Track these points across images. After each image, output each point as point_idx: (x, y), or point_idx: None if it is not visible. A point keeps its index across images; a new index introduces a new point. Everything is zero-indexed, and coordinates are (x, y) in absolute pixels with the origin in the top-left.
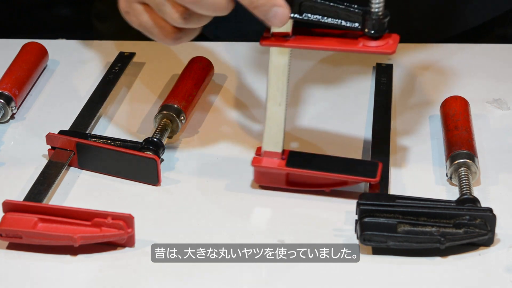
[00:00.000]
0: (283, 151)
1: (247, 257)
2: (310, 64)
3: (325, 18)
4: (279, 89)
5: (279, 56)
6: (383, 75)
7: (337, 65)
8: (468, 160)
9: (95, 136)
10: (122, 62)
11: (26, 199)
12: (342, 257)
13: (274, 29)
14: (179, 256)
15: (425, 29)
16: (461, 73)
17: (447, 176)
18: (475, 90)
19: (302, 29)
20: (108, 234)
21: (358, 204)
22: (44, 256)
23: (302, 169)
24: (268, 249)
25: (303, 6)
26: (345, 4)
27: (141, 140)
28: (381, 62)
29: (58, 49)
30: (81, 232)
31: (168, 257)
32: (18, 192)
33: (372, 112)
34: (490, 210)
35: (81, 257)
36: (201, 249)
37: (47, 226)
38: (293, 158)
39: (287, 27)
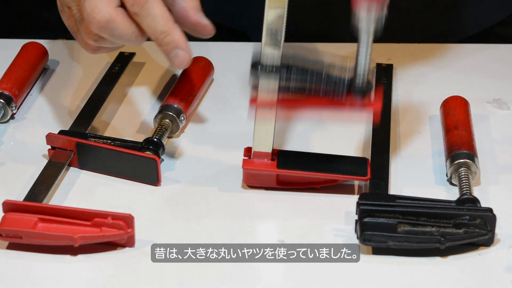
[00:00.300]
0: (273, 150)
1: (247, 257)
2: None
3: (312, 83)
4: (270, 92)
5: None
6: (383, 75)
7: None
8: (468, 160)
9: (95, 136)
10: (122, 62)
11: (26, 199)
12: (342, 257)
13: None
14: (179, 256)
15: (426, 37)
16: (461, 73)
17: (447, 176)
18: (475, 90)
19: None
20: (108, 234)
21: (358, 204)
22: (44, 256)
23: (294, 170)
24: (268, 249)
25: (291, 77)
26: (331, 74)
27: (141, 140)
28: (381, 62)
29: (58, 49)
30: (81, 232)
31: (168, 257)
32: (18, 192)
33: (372, 112)
34: (490, 210)
35: (81, 257)
36: (201, 249)
37: (47, 226)
38: (283, 158)
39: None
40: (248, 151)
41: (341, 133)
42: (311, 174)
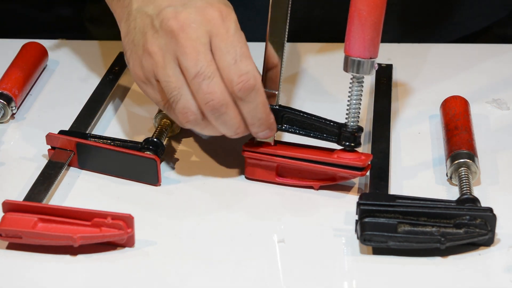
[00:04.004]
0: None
1: (247, 257)
2: (308, 63)
3: (304, 130)
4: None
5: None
6: (383, 75)
7: (336, 65)
8: (468, 160)
9: (95, 136)
10: (122, 62)
11: (26, 199)
12: (342, 257)
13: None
14: (179, 256)
15: (425, 34)
16: (461, 73)
17: (447, 176)
18: (475, 90)
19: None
20: (108, 234)
21: (358, 204)
22: (44, 256)
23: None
24: (268, 249)
25: (284, 118)
26: (323, 118)
27: (141, 140)
28: (381, 62)
29: (58, 49)
30: (81, 232)
31: (168, 256)
32: (18, 192)
33: (372, 112)
34: (490, 210)
35: (81, 257)
36: (201, 249)
37: (47, 226)
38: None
39: (270, 139)
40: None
41: None
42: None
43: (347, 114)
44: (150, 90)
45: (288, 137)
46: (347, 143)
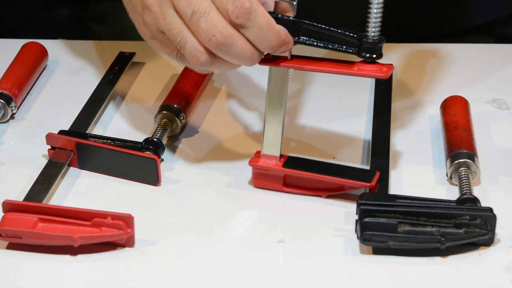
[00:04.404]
0: (282, 155)
1: (247, 257)
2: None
3: (322, 42)
4: (279, 95)
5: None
6: None
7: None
8: (468, 160)
9: (95, 136)
10: (122, 62)
11: (26, 199)
12: (342, 257)
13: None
14: (179, 256)
15: (428, 24)
16: (461, 73)
17: (447, 176)
18: (475, 90)
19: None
20: (108, 234)
21: (358, 204)
22: (44, 256)
23: (298, 170)
24: (268, 249)
25: (301, 30)
26: (342, 29)
27: (141, 140)
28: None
29: (58, 49)
30: (81, 232)
31: (168, 257)
32: (18, 192)
33: (372, 112)
34: (490, 210)
35: (81, 257)
36: (201, 249)
37: (47, 226)
38: (291, 161)
39: (287, 52)
40: (258, 154)
41: (341, 133)
42: (315, 176)
43: (367, 24)
44: (159, 44)
45: (289, 138)
46: (368, 55)
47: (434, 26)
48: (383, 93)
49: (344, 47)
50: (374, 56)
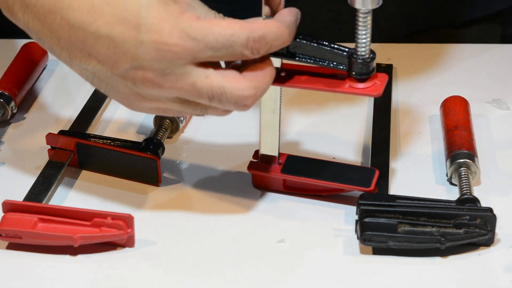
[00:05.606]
0: (280, 154)
1: (247, 257)
2: None
3: (312, 58)
4: (272, 97)
5: None
6: None
7: None
8: (468, 160)
9: (95, 136)
10: None
11: (26, 199)
12: (342, 257)
13: None
14: (179, 256)
15: (425, 33)
16: (461, 73)
17: (447, 176)
18: (475, 90)
19: (292, 65)
20: (108, 234)
21: (358, 204)
22: (44, 256)
23: (297, 176)
24: (268, 249)
25: (291, 46)
26: (332, 45)
27: (141, 140)
28: (381, 62)
29: None
30: (81, 232)
31: (168, 257)
32: (18, 192)
33: (372, 112)
34: (490, 210)
35: (81, 257)
36: (201, 250)
37: (47, 226)
38: (290, 163)
39: (277, 63)
40: (256, 154)
41: (341, 133)
42: (313, 181)
43: (356, 42)
44: (171, 113)
45: (290, 137)
46: (357, 74)
47: (435, 17)
48: (383, 93)
49: (334, 64)
50: (364, 76)
